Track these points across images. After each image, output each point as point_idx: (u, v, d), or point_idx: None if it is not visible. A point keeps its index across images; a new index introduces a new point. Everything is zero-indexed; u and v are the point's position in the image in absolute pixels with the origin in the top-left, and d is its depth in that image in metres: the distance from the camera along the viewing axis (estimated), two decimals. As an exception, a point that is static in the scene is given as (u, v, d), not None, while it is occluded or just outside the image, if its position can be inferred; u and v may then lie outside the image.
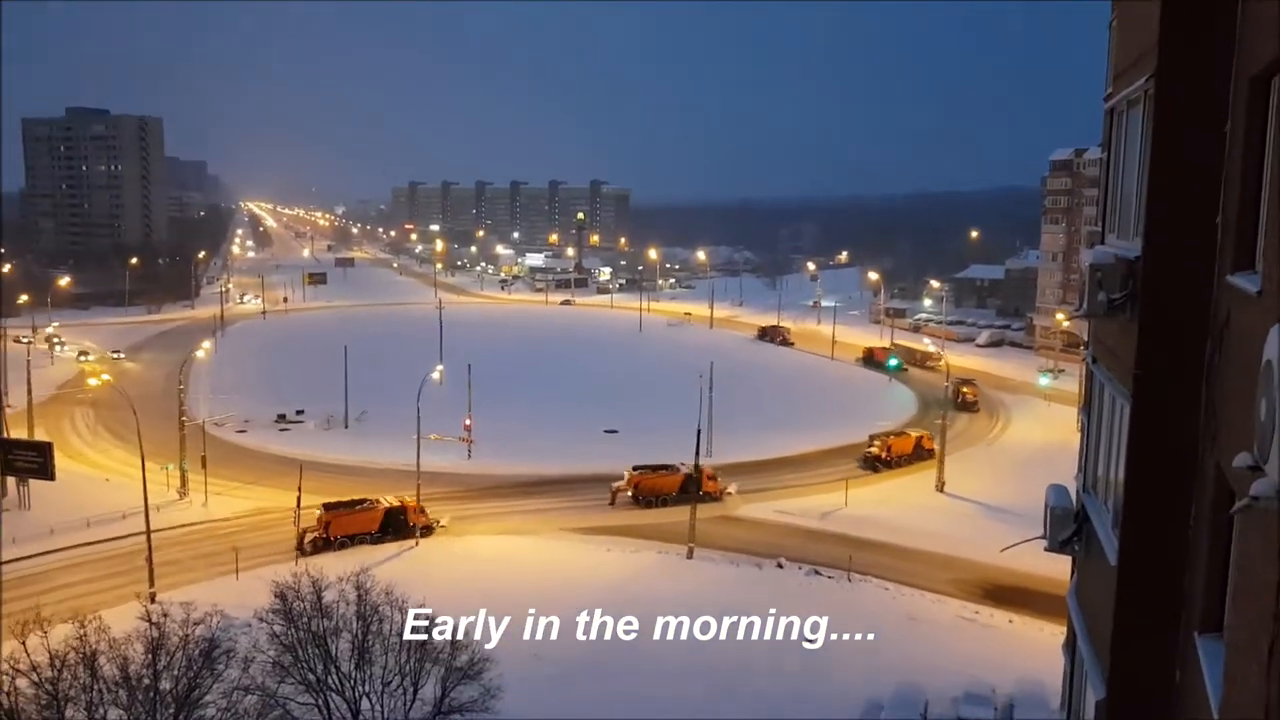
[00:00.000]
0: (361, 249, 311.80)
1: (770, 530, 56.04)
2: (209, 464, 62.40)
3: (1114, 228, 10.62)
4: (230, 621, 30.47)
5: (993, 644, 41.78)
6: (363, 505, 53.59)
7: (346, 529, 52.16)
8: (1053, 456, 66.10)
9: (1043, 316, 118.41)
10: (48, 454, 57.75)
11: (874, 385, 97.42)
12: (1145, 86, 8.92)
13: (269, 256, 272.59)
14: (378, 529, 52.81)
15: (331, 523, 51.95)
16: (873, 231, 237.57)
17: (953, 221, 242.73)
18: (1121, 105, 10.27)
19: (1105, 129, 11.40)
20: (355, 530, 52.37)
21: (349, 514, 52.81)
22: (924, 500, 61.57)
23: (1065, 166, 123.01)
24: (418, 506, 53.98)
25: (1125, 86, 10.06)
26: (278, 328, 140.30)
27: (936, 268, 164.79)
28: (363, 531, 52.48)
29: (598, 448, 72.74)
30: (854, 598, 46.47)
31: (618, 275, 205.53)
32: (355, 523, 52.62)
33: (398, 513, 53.40)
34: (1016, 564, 43.07)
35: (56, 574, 48.36)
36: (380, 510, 53.31)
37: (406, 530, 52.95)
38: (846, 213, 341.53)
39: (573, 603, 44.63)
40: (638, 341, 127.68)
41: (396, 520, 53.22)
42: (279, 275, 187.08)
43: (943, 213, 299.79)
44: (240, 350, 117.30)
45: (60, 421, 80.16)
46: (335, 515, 52.37)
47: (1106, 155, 11.31)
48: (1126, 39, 10.67)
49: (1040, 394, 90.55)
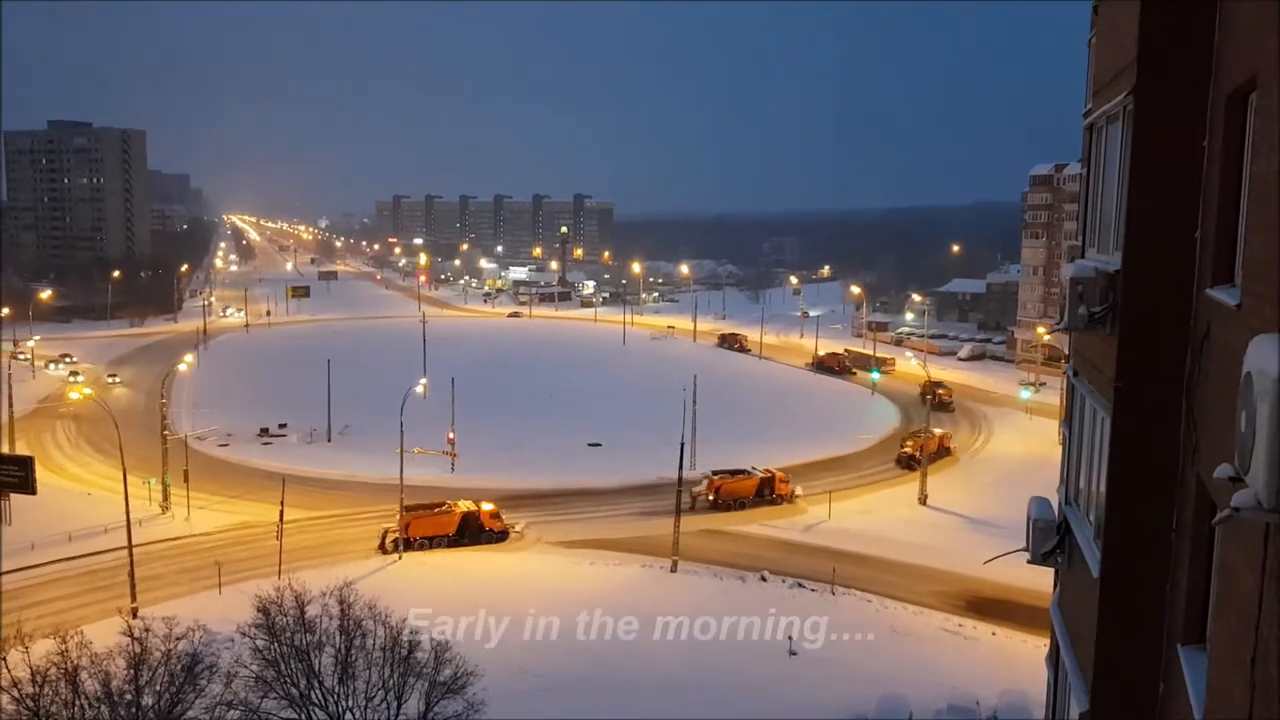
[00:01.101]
0: (345, 262, 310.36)
1: (754, 543, 56.00)
2: (191, 478, 61.89)
3: (1094, 242, 10.71)
4: (213, 636, 30.17)
5: (976, 656, 41.84)
6: (440, 509, 55.07)
7: (424, 531, 53.69)
8: (1034, 469, 66.51)
9: (1024, 330, 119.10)
10: (29, 468, 57.19)
11: (857, 398, 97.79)
12: (1124, 102, 9.01)
13: (252, 270, 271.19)
14: (454, 532, 54.14)
15: (411, 524, 53.35)
16: (854, 245, 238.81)
17: (934, 236, 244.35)
18: (1101, 121, 10.37)
19: (1085, 144, 11.50)
20: (432, 532, 53.83)
21: (427, 517, 54.29)
22: (906, 513, 61.70)
23: (1045, 181, 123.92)
24: (494, 512, 55.09)
25: (1105, 102, 10.16)
26: (261, 341, 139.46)
27: (918, 282, 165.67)
28: (440, 534, 53.92)
29: (581, 461, 72.63)
30: (837, 610, 46.44)
31: (601, 289, 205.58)
32: (433, 525, 54.09)
33: (473, 518, 54.72)
34: (999, 576, 43.17)
35: (37, 589, 47.73)
36: (457, 514, 54.65)
37: (482, 535, 54.11)
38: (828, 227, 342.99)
39: (557, 615, 44.46)
40: (621, 355, 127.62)
41: (472, 525, 54.52)
42: (262, 289, 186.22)
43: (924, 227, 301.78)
44: (223, 364, 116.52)
45: (41, 435, 79.35)
46: (415, 517, 53.83)
47: (1086, 170, 11.41)
48: (1105, 55, 10.79)
49: (1022, 407, 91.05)
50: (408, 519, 53.58)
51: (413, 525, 53.43)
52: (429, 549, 53.19)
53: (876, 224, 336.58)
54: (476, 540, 54.15)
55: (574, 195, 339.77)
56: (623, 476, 67.04)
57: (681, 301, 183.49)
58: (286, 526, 51.71)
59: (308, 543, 53.80)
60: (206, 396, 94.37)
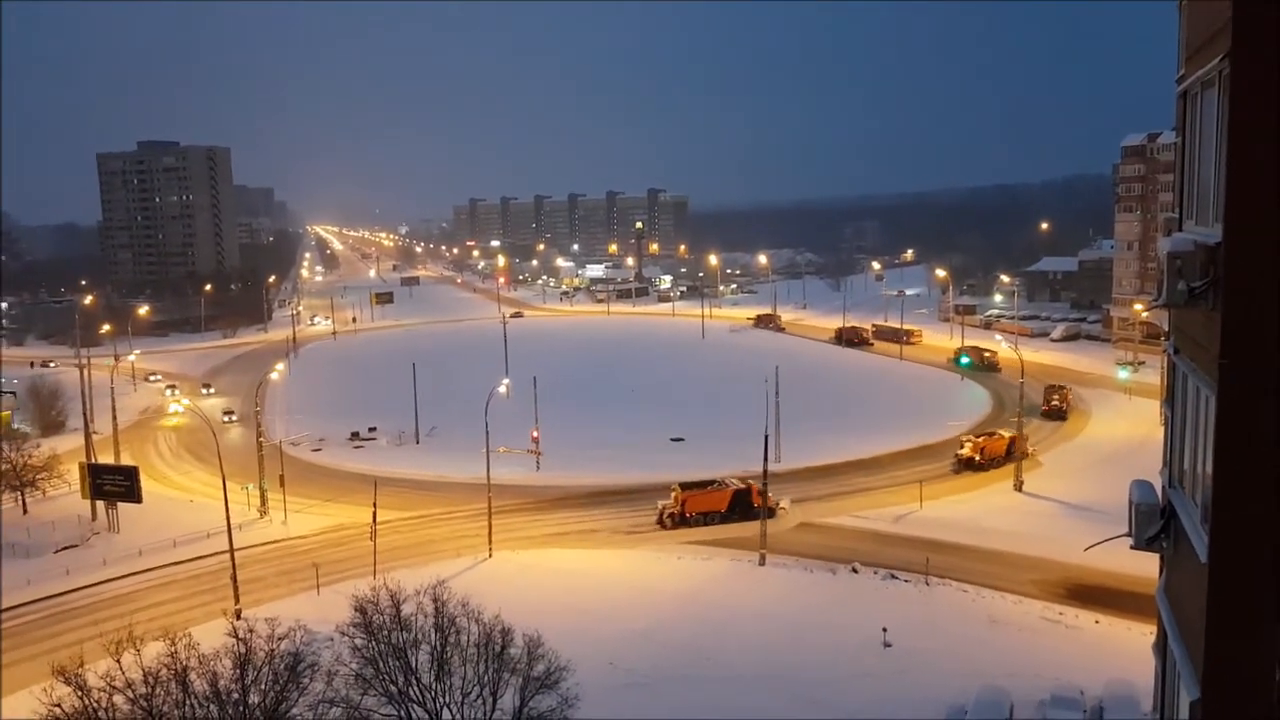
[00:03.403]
0: (425, 267, 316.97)
1: (844, 535, 55.46)
2: (287, 483, 63.95)
3: (1192, 214, 10.36)
4: (313, 636, 31.13)
5: (1079, 645, 40.75)
6: (714, 486, 58.19)
7: (699, 507, 56.75)
8: (1135, 452, 64.55)
9: (1120, 308, 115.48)
10: (134, 478, 60.03)
11: (948, 385, 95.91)
12: (1220, 67, 8.70)
13: (337, 278, 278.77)
14: (726, 508, 56.85)
15: (687, 501, 56.56)
16: (938, 227, 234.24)
17: (1021, 214, 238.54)
18: (1195, 87, 10.02)
19: (1179, 112, 11.12)
20: (707, 508, 56.79)
21: (702, 494, 57.32)
22: (1002, 500, 60.38)
23: (1138, 152, 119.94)
24: (761, 489, 56.15)
25: (1198, 68, 9.82)
26: (348, 348, 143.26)
27: (1006, 262, 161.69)
28: (713, 510, 56.86)
29: (665, 456, 72.81)
30: (932, 601, 45.73)
31: (678, 283, 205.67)
32: (707, 501, 57.03)
33: (744, 494, 57.03)
34: (1101, 563, 42.08)
35: (146, 594, 50.04)
36: (729, 491, 57.44)
37: (752, 511, 55.59)
38: (909, 209, 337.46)
39: (646, 611, 44.79)
40: (701, 349, 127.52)
41: (743, 501, 56.81)
42: (347, 296, 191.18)
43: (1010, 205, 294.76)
44: (313, 371, 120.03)
45: (144, 446, 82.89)
46: (690, 495, 57.03)
47: (1181, 139, 11.03)
48: (1198, 18, 10.41)
49: (1120, 388, 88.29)
50: (684, 496, 56.62)
51: (689, 502, 56.55)
52: (702, 525, 56.10)
53: (960, 204, 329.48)
54: (746, 516, 56.04)
55: (648, 190, 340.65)
56: (706, 471, 67.02)
57: (760, 292, 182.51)
58: (379, 527, 53.11)
59: (400, 543, 55.14)
60: (299, 403, 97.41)
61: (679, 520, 56.41)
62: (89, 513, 61.88)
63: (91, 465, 62.68)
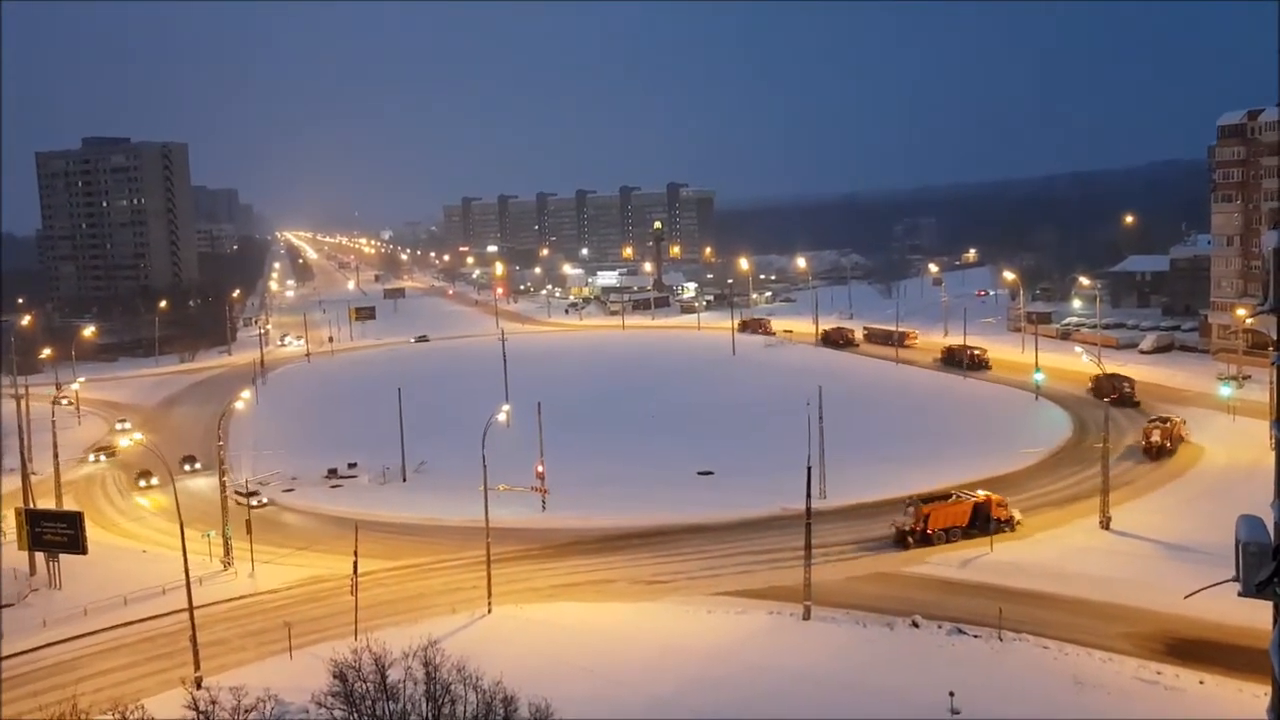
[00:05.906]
0: (412, 277, 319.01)
1: (901, 583, 55.11)
2: (254, 529, 64.10)
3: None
4: (285, 708, 31.25)
5: (1181, 709, 40.25)
6: (954, 499, 62.08)
7: (941, 522, 60.53)
8: (1242, 481, 63.98)
9: (1219, 313, 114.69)
10: (78, 525, 60.32)
11: (1018, 405, 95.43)
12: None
13: (311, 292, 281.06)
14: (966, 522, 60.86)
15: (930, 516, 60.15)
16: (1005, 223, 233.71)
17: (1102, 206, 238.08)
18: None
19: (1284, 85, 11.06)
20: (949, 523, 60.63)
21: (943, 507, 61.17)
22: (1086, 540, 59.91)
23: (1237, 132, 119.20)
24: (1000, 501, 61.69)
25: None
26: (324, 371, 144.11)
27: (1085, 262, 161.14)
28: (954, 525, 60.72)
29: (691, 493, 72.65)
30: (1007, 660, 45.32)
31: (704, 291, 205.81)
32: (949, 515, 60.85)
33: (984, 507, 61.17)
34: (1204, 613, 41.74)
35: (93, 659, 50.19)
36: (969, 504, 61.52)
37: (991, 524, 60.18)
38: (971, 203, 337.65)
39: (672, 674, 44.57)
40: (731, 366, 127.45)
41: (983, 515, 60.93)
42: (322, 312, 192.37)
43: (1089, 196, 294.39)
44: (283, 398, 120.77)
45: (91, 487, 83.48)
46: (933, 509, 60.70)
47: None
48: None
49: (1222, 406, 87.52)
50: (926, 510, 60.27)
51: (932, 517, 60.05)
52: (944, 542, 59.56)
53: (1031, 196, 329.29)
54: (986, 529, 59.97)
55: (667, 184, 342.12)
56: (739, 510, 66.82)
57: (800, 300, 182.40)
58: (362, 580, 53.17)
59: (386, 597, 55.18)
60: (267, 436, 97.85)
61: (921, 538, 59.64)
62: (27, 566, 62.22)
63: (29, 511, 63.10)
